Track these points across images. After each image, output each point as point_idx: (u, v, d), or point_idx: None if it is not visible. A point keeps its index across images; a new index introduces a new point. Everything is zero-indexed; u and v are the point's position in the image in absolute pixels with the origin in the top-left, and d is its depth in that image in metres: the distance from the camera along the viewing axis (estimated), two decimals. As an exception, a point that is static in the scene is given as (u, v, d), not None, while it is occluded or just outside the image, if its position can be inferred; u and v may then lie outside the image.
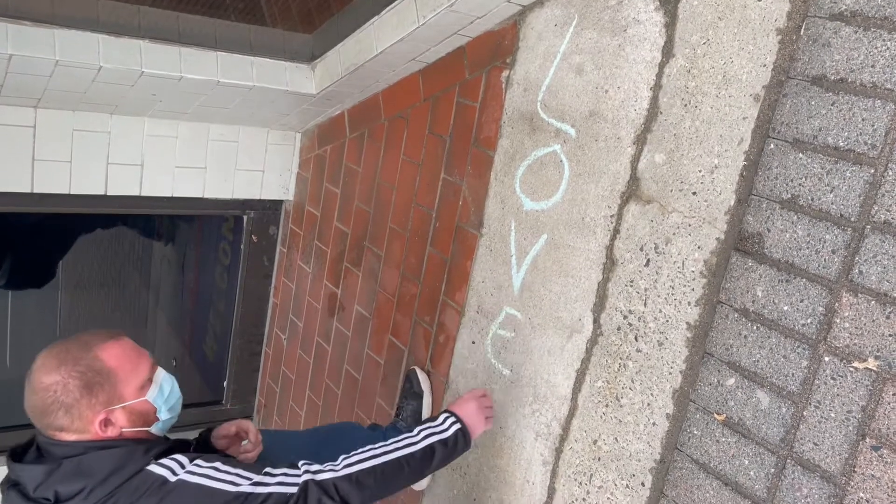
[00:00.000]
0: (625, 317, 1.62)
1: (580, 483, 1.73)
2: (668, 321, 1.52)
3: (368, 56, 2.25)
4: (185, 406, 2.13)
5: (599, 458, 1.68)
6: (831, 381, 1.24)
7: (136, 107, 2.56)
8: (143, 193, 2.78)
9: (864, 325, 1.19)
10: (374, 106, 2.59)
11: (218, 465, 1.41)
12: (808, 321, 1.27)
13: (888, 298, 1.16)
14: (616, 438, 1.64)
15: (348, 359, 2.76)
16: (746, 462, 1.38)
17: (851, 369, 1.21)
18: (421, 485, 2.30)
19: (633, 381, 1.60)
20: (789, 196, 1.31)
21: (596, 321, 1.70)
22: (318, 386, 2.97)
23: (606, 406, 1.67)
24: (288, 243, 3.23)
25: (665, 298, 1.53)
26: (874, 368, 1.18)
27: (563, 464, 1.78)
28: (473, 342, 2.10)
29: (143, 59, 2.24)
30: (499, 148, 2.01)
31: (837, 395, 1.23)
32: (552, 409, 1.81)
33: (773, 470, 1.33)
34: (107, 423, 1.42)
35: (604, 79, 1.69)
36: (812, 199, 1.27)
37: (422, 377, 2.29)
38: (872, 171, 1.19)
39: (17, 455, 1.45)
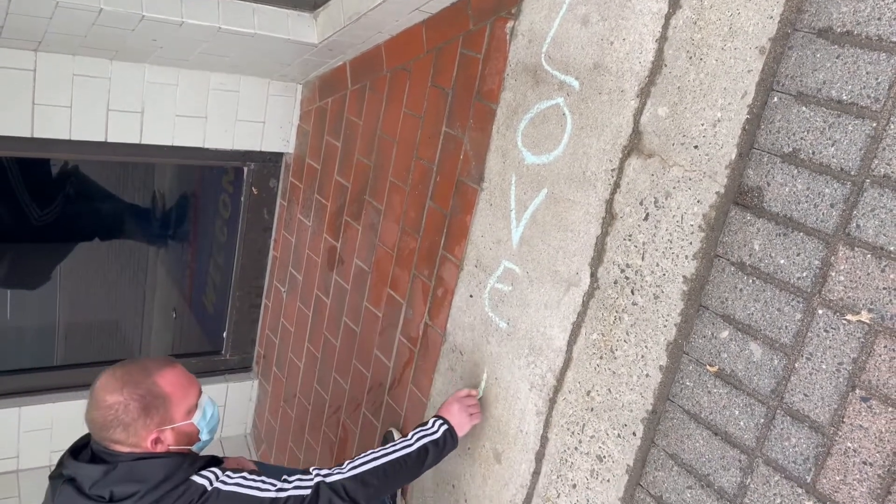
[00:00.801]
0: (622, 270, 1.63)
1: (572, 433, 1.76)
2: (664, 275, 1.53)
3: (372, 5, 2.22)
4: (185, 355, 2.18)
5: (592, 409, 1.71)
6: (824, 334, 1.26)
7: (137, 53, 2.54)
8: (144, 141, 2.78)
9: (859, 278, 1.20)
10: (377, 57, 2.57)
11: (244, 475, 1.65)
12: (804, 274, 1.28)
13: (884, 252, 1.17)
14: (609, 390, 1.66)
15: (347, 311, 2.78)
16: (737, 412, 1.40)
17: (844, 322, 1.23)
18: None
19: (627, 334, 1.62)
20: (790, 150, 1.31)
21: (593, 275, 1.71)
22: (317, 338, 3.00)
23: (601, 358, 1.69)
24: (288, 196, 3.23)
25: (663, 252, 1.53)
26: (867, 321, 1.20)
27: (557, 414, 1.80)
28: (471, 296, 2.11)
29: (143, 1, 2.22)
30: (501, 101, 2.00)
31: (829, 347, 1.25)
32: (547, 361, 1.83)
33: (762, 420, 1.35)
34: (157, 441, 1.63)
35: (609, 30, 1.67)
36: (813, 153, 1.27)
37: (398, 438, 2.40)
38: (874, 124, 1.19)
39: (75, 453, 1.64)
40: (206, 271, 3.65)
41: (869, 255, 1.19)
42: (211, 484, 1.61)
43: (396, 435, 2.47)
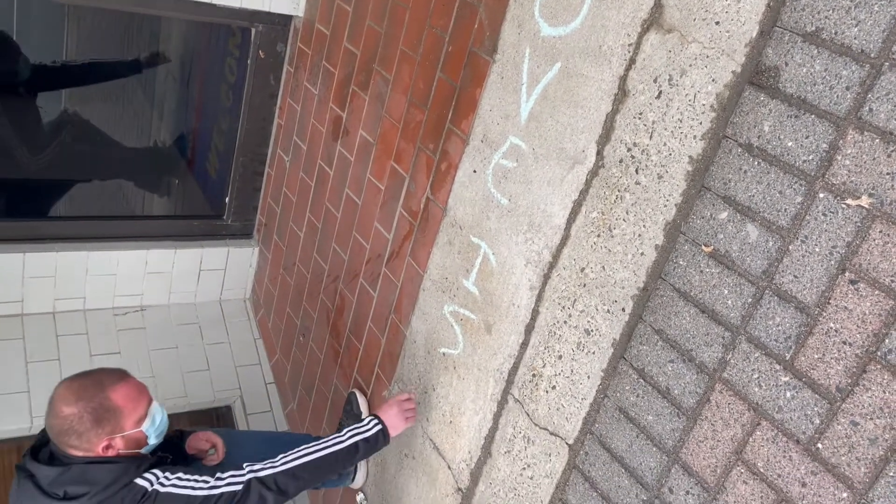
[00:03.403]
0: (629, 149, 1.63)
1: (563, 307, 1.80)
2: (670, 154, 1.53)
3: None
4: (187, 217, 2.20)
5: (585, 285, 1.74)
6: (822, 217, 1.27)
7: None
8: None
9: (865, 162, 1.20)
10: (395, -83, 2.46)
11: (180, 475, 1.83)
12: (810, 157, 1.28)
13: (893, 137, 1.16)
14: (603, 267, 1.69)
15: (349, 183, 2.79)
16: (726, 292, 1.43)
17: (843, 206, 1.24)
18: (357, 482, 2.65)
19: (627, 213, 1.63)
20: (813, 29, 1.27)
21: (599, 153, 1.70)
22: (319, 209, 3.02)
23: (598, 236, 1.71)
24: (295, 63, 3.16)
25: (671, 132, 1.52)
26: (866, 206, 1.20)
27: (550, 289, 1.84)
28: (475, 171, 2.11)
29: None
30: (521, -32, 1.93)
31: (825, 230, 1.26)
32: (545, 238, 1.86)
33: (750, 300, 1.39)
34: (108, 447, 1.80)
35: None
36: (835, 33, 1.24)
37: (360, 400, 2.67)
38: (904, 5, 1.15)
39: (34, 451, 1.83)
40: (210, 137, 3.62)
41: (877, 140, 1.18)
42: (151, 485, 1.80)
43: (360, 398, 2.67)
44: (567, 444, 1.80)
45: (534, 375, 1.89)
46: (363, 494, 2.61)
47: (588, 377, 1.74)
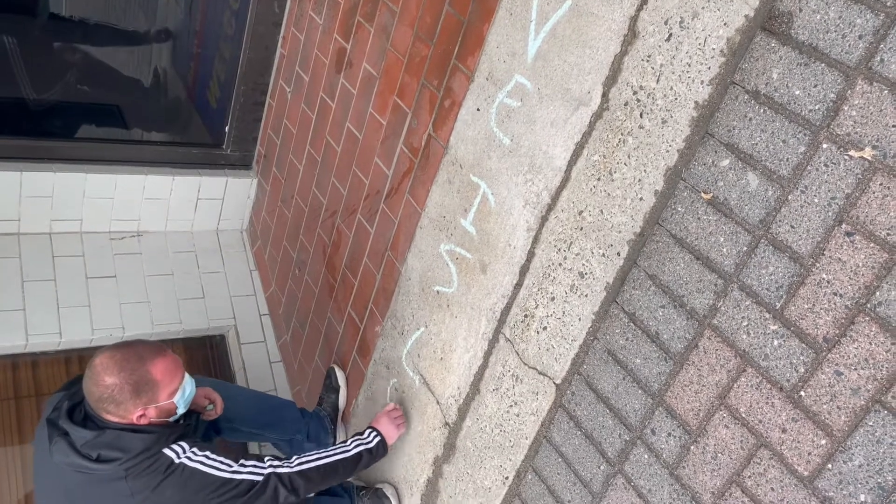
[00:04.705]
0: (634, 92, 1.61)
1: (559, 249, 1.81)
2: (676, 99, 1.51)
3: None
4: (186, 144, 2.19)
5: (582, 228, 1.74)
6: (823, 168, 1.26)
7: None
8: None
9: (871, 113, 1.19)
10: None
11: (208, 453, 1.95)
12: (817, 107, 1.27)
13: (903, 89, 1.15)
14: (601, 211, 1.69)
15: (351, 117, 2.76)
16: (722, 239, 1.43)
17: (846, 157, 1.23)
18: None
19: (629, 157, 1.62)
20: (832, -26, 1.25)
21: (605, 95, 1.68)
22: (319, 142, 2.99)
23: (598, 180, 1.70)
24: (301, -9, 3.09)
25: (679, 76, 1.50)
26: (868, 158, 1.20)
27: (546, 231, 1.84)
28: (478, 109, 2.09)
29: None
30: None
31: (826, 181, 1.26)
32: (545, 180, 1.85)
33: (745, 248, 1.39)
34: (142, 416, 1.91)
35: None
36: (854, -20, 1.21)
37: (339, 374, 2.82)
38: (926, -47, 1.13)
39: (70, 412, 1.93)
40: (212, 64, 3.56)
41: (886, 91, 1.17)
42: (178, 457, 1.92)
43: (338, 372, 2.82)
44: (555, 383, 1.83)
45: (526, 316, 1.91)
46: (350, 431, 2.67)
47: (579, 319, 1.76)
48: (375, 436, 2.28)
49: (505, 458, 1.99)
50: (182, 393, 2.00)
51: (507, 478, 1.99)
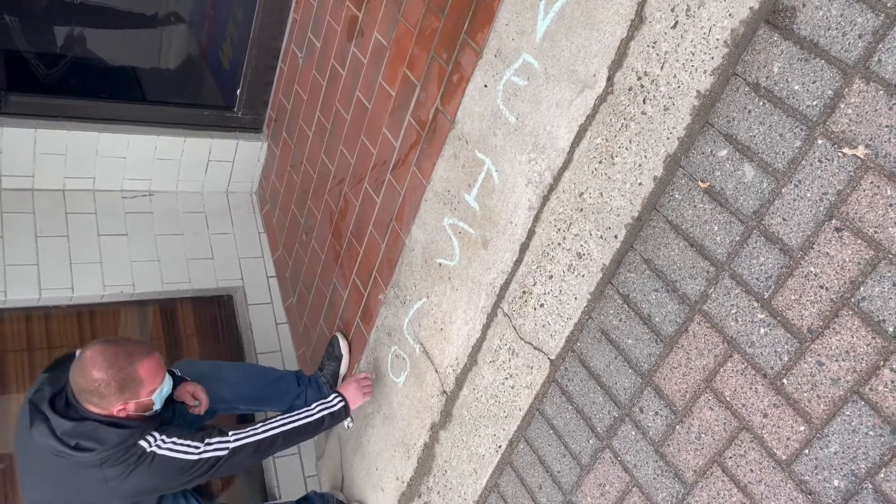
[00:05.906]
0: (639, 78, 1.62)
1: (559, 229, 1.84)
2: (679, 87, 1.53)
3: None
4: (197, 105, 2.19)
5: (582, 210, 1.78)
6: (817, 164, 1.29)
7: None
8: None
9: (866, 113, 1.21)
10: None
11: (175, 439, 2.07)
12: (815, 103, 1.29)
13: (897, 90, 1.17)
14: (601, 193, 1.72)
15: (361, 86, 2.78)
16: (716, 228, 1.47)
17: (840, 154, 1.25)
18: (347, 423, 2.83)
19: (630, 142, 1.65)
20: (837, -29, 1.26)
21: (610, 79, 1.70)
22: (329, 109, 3.02)
23: (600, 163, 1.73)
24: (315, -44, 3.08)
25: (683, 64, 1.52)
26: (861, 156, 1.22)
27: (547, 211, 1.88)
28: (486, 85, 2.10)
29: None
30: None
31: (819, 176, 1.28)
32: (548, 160, 1.87)
33: (738, 238, 1.42)
34: (122, 409, 2.03)
35: None
36: (858, -22, 1.22)
37: (342, 343, 2.88)
38: (930, -45, 1.13)
39: (52, 401, 2.02)
40: (225, 25, 3.57)
41: (881, 91, 1.19)
42: (150, 446, 2.04)
43: (341, 341, 2.89)
44: (549, 359, 1.88)
45: (524, 292, 1.95)
46: (350, 418, 2.73)
47: (575, 298, 1.80)
48: (340, 401, 2.43)
49: (499, 428, 2.06)
50: (160, 392, 2.12)
51: (500, 446, 2.06)
